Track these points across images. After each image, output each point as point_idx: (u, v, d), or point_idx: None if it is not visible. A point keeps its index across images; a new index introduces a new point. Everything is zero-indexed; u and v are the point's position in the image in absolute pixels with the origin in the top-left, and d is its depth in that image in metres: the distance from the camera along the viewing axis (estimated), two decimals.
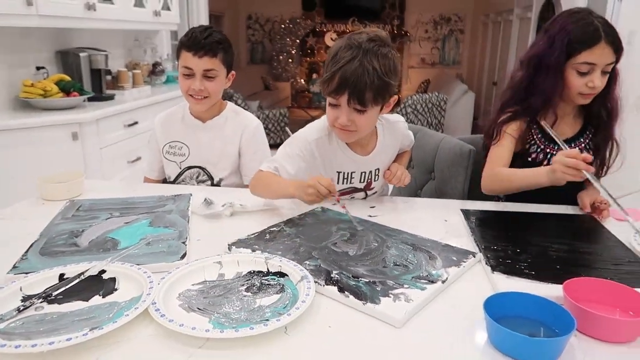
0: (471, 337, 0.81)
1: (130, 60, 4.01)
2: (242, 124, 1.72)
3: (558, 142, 1.28)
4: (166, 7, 4.03)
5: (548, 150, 1.47)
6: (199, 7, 5.31)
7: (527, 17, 6.36)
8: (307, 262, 1.03)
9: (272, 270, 1.00)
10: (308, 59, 9.81)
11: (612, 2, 4.15)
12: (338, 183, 1.45)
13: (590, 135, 1.49)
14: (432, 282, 0.95)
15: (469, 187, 1.62)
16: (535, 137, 1.48)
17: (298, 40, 9.52)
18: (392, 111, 1.37)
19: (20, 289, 0.91)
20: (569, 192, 1.42)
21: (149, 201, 1.39)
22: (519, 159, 1.49)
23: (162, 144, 1.76)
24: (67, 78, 3.01)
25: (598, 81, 1.36)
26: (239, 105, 2.14)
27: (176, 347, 0.77)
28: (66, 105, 2.85)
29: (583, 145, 1.48)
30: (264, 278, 0.97)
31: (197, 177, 1.73)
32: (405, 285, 0.94)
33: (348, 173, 1.45)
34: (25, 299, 0.88)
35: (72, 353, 0.75)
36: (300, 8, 9.48)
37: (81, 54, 3.19)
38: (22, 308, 0.85)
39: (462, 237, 1.21)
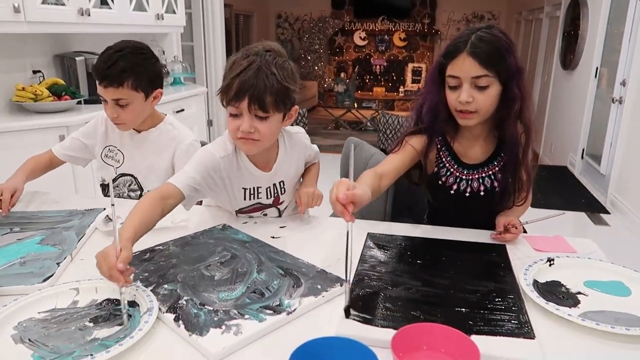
0: None
1: None
2: (176, 139, 1.68)
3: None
4: (171, 11, 4.05)
5: (457, 174, 1.40)
6: (214, 6, 5.31)
7: (556, 16, 6.13)
8: (165, 286, 1.02)
9: (127, 299, 0.98)
10: (336, 57, 9.78)
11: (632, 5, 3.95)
12: (245, 199, 1.42)
13: (506, 158, 1.39)
14: (278, 312, 0.93)
15: (392, 206, 1.55)
16: (444, 159, 1.41)
17: (327, 39, 9.51)
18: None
19: None
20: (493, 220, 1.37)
21: (57, 216, 1.40)
22: (432, 180, 1.43)
23: (101, 147, 1.73)
24: (61, 82, 3.09)
25: (465, 95, 1.26)
26: None
27: None
28: (56, 109, 2.93)
29: (497, 169, 1.39)
30: (116, 307, 0.96)
31: (129, 185, 1.71)
32: (246, 316, 0.92)
33: (254, 189, 1.42)
34: None
35: None
36: (329, 7, 9.47)
37: (77, 58, 3.25)
38: None
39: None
